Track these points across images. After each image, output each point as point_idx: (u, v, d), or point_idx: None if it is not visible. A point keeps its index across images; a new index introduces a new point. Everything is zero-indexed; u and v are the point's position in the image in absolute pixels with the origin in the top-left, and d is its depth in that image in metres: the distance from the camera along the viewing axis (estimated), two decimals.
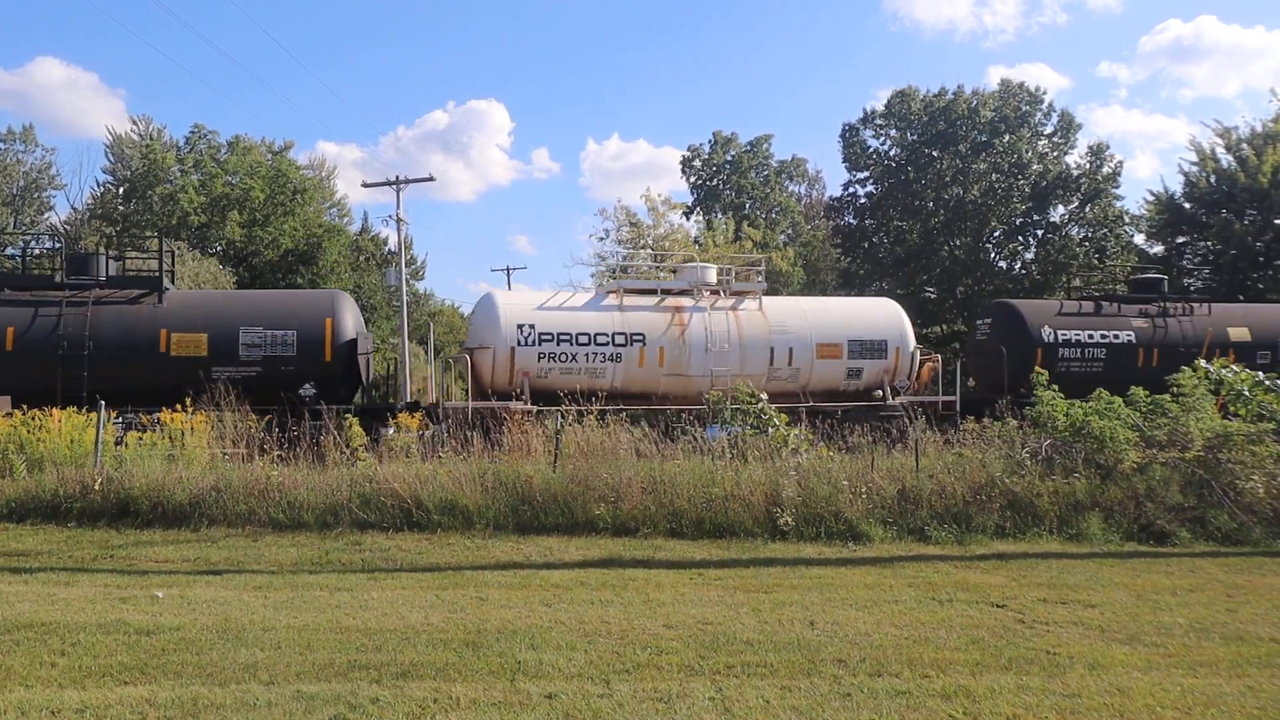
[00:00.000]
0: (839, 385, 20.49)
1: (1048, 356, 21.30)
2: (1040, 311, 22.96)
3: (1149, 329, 22.70)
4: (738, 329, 20.08)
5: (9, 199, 45.15)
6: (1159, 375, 19.01)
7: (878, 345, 20.73)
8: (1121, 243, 44.01)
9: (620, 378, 19.35)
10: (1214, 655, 6.70)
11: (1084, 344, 22.23)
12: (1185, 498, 11.73)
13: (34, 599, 7.93)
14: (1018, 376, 20.32)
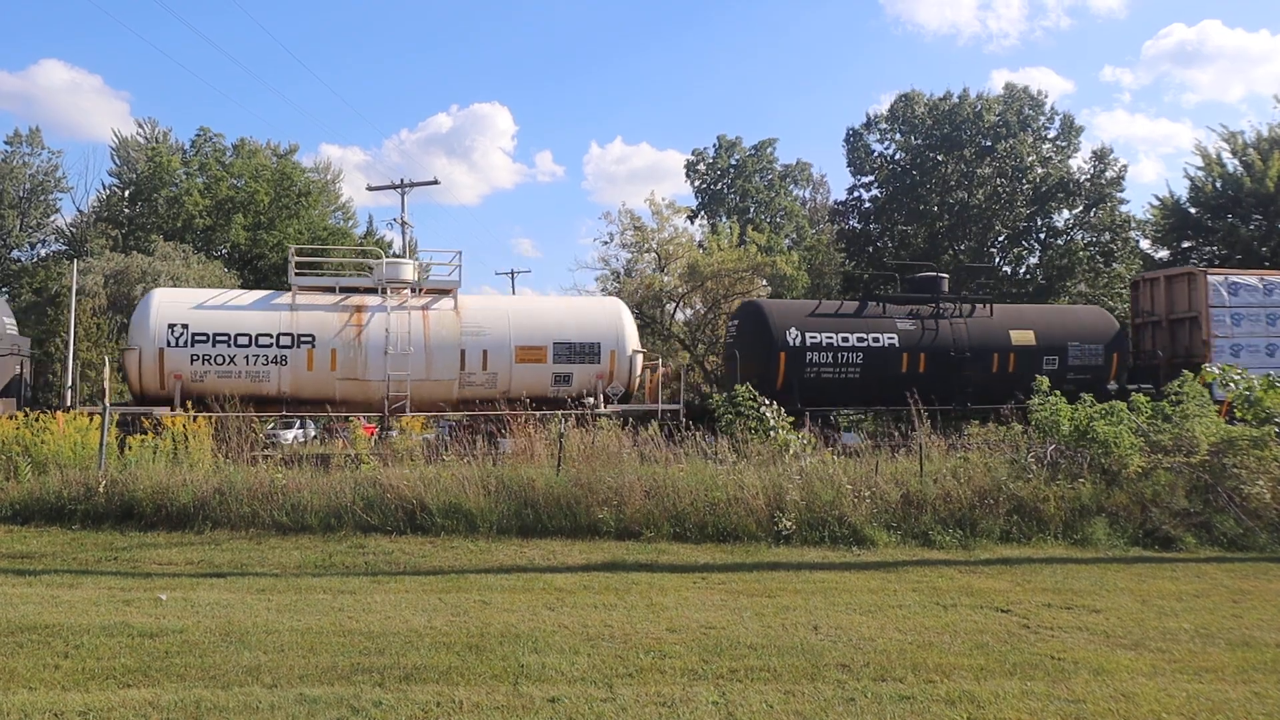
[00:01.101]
0: (545, 391, 19.10)
1: (793, 361, 19.96)
2: (788, 312, 21.33)
3: (916, 332, 21.18)
4: (424, 330, 18.63)
5: (16, 202, 45.27)
6: (927, 381, 18.64)
7: (589, 348, 19.37)
8: (1128, 247, 43.96)
9: (288, 382, 18.08)
10: (1219, 661, 6.67)
11: (838, 348, 20.53)
12: (1190, 502, 11.70)
13: (38, 601, 7.93)
14: (762, 383, 18.56)
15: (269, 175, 42.62)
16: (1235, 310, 22.29)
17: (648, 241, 41.27)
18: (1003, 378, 21.22)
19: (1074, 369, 21.84)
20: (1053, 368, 21.32)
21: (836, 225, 53.17)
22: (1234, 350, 21.99)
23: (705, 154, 58.72)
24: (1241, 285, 22.61)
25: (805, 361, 20.08)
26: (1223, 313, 22.30)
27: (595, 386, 19.07)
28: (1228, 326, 22.25)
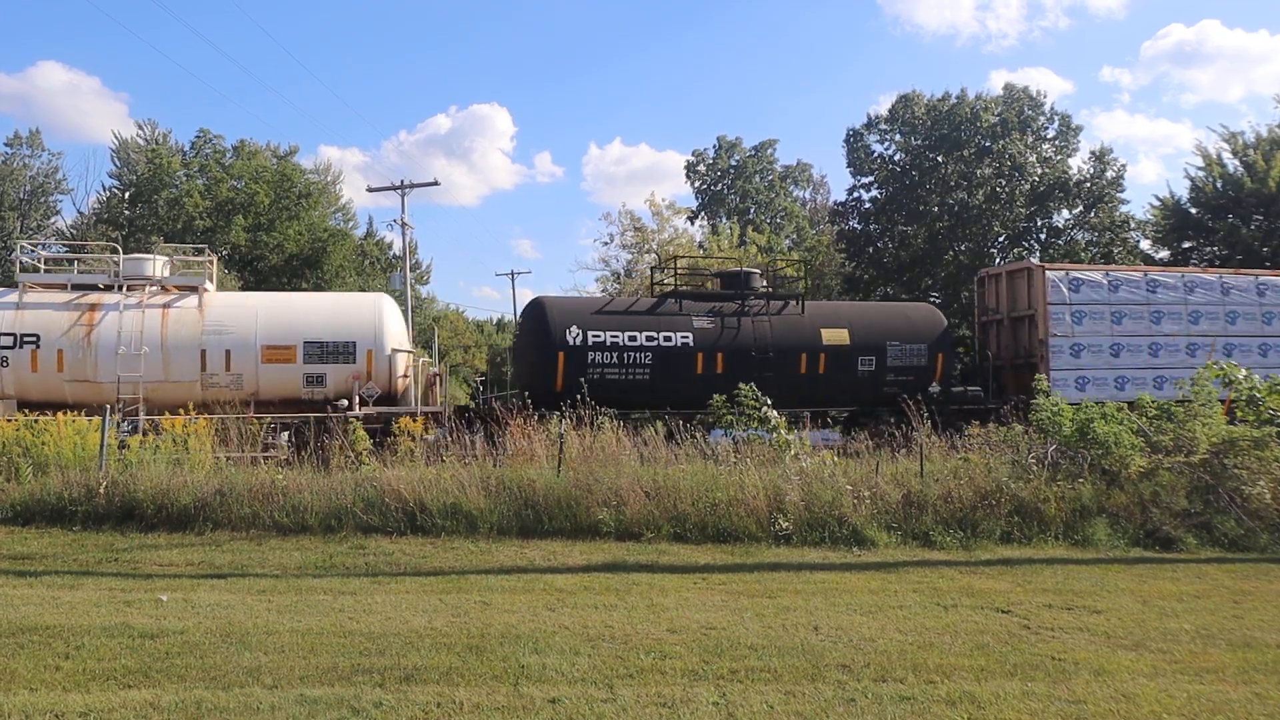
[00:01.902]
0: (298, 393, 18.08)
1: (574, 361, 18.67)
2: (571, 310, 19.82)
3: (714, 330, 19.68)
4: (161, 329, 17.52)
5: (16, 203, 45.28)
6: (726, 382, 17.26)
7: (344, 348, 18.22)
8: (1127, 247, 43.96)
9: (13, 385, 17.22)
10: (1220, 661, 6.67)
11: (624, 348, 19.08)
12: (1191, 503, 11.70)
13: (39, 602, 7.94)
14: (542, 385, 18.31)
15: (269, 177, 42.61)
16: (1077, 308, 21.22)
17: (648, 242, 41.38)
18: (812, 379, 19.96)
19: (894, 370, 20.56)
20: (869, 369, 20.29)
21: (836, 226, 53.18)
22: (1075, 350, 21.15)
23: (705, 155, 58.82)
24: (1084, 281, 21.54)
25: (587, 362, 18.77)
26: (1062, 310, 21.19)
27: (352, 388, 18.04)
28: (1067, 325, 21.17)
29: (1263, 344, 22.10)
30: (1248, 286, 22.32)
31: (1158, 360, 21.49)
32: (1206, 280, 22.14)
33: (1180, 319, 21.77)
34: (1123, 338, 21.33)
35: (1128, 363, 21.34)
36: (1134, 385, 20.88)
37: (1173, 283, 21.91)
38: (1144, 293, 21.59)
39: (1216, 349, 21.22)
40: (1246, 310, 22.09)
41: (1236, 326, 22.01)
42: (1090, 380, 20.89)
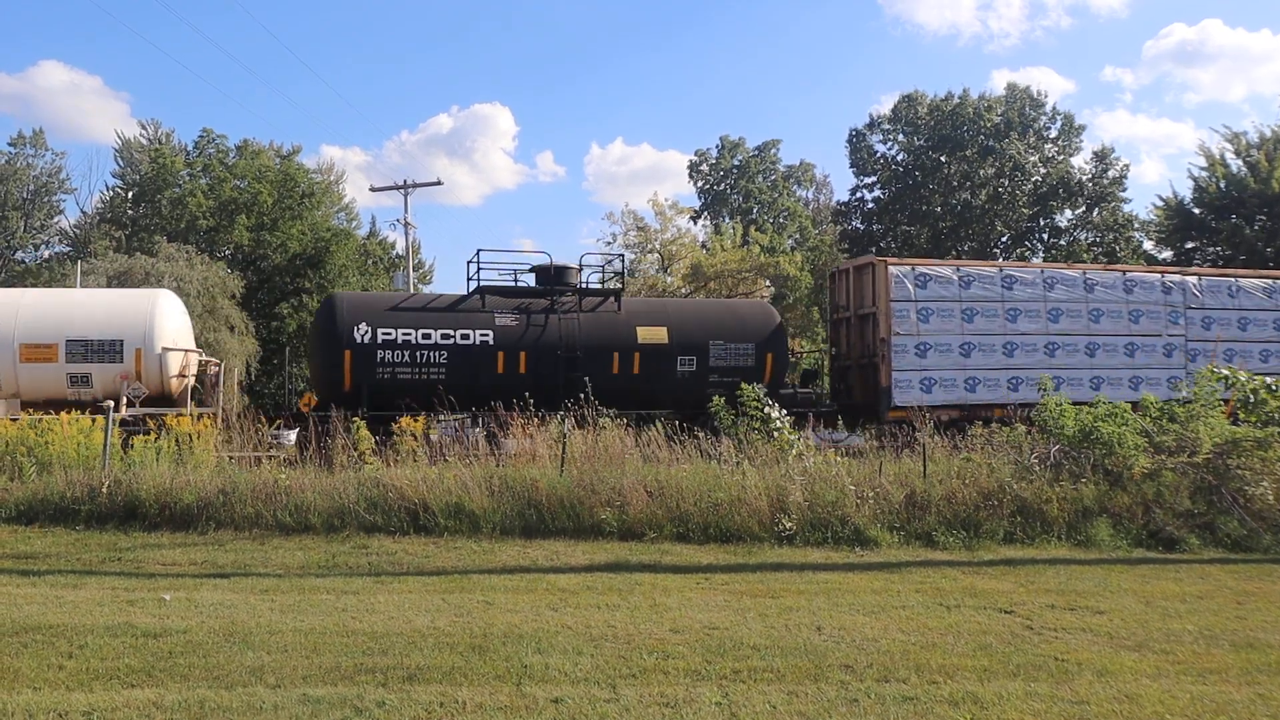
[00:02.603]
0: (63, 393, 17.36)
1: (362, 361, 17.90)
2: (362, 306, 18.92)
3: (518, 328, 18.85)
4: None
5: (19, 203, 45.36)
6: (531, 383, 16.99)
7: (110, 346, 17.37)
8: (1130, 247, 43.95)
9: None
10: (1223, 662, 6.67)
11: (417, 346, 18.28)
12: (1194, 504, 11.69)
13: (42, 601, 7.95)
14: (331, 385, 17.72)
15: (272, 176, 42.62)
16: (924, 305, 20.05)
17: (651, 242, 41.38)
18: (627, 379, 19.02)
19: (718, 370, 19.49)
20: (690, 369, 19.33)
21: (839, 226, 53.20)
22: (920, 350, 19.96)
23: (708, 155, 58.79)
24: (932, 277, 20.29)
25: (377, 361, 18.01)
26: (907, 308, 20.00)
27: (120, 388, 17.24)
28: (912, 323, 19.97)
29: (1129, 343, 21.32)
30: (1114, 283, 21.53)
31: (1014, 360, 20.47)
32: (1068, 276, 21.31)
33: (1039, 317, 20.79)
34: (975, 336, 20.29)
35: (980, 363, 20.24)
36: (986, 387, 20.15)
37: (1030, 279, 20.99)
38: (999, 289, 20.57)
39: (1078, 349, 20.77)
40: (1112, 308, 21.22)
41: (1101, 325, 21.15)
42: (937, 381, 19.90)
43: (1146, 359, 21.31)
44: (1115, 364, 21.13)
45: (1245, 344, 22.01)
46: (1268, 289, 22.45)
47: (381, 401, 15.57)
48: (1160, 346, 21.44)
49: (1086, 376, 20.75)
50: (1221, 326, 21.98)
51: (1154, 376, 21.09)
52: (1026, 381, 19.94)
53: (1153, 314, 21.52)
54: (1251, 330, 22.17)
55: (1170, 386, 20.41)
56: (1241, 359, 21.15)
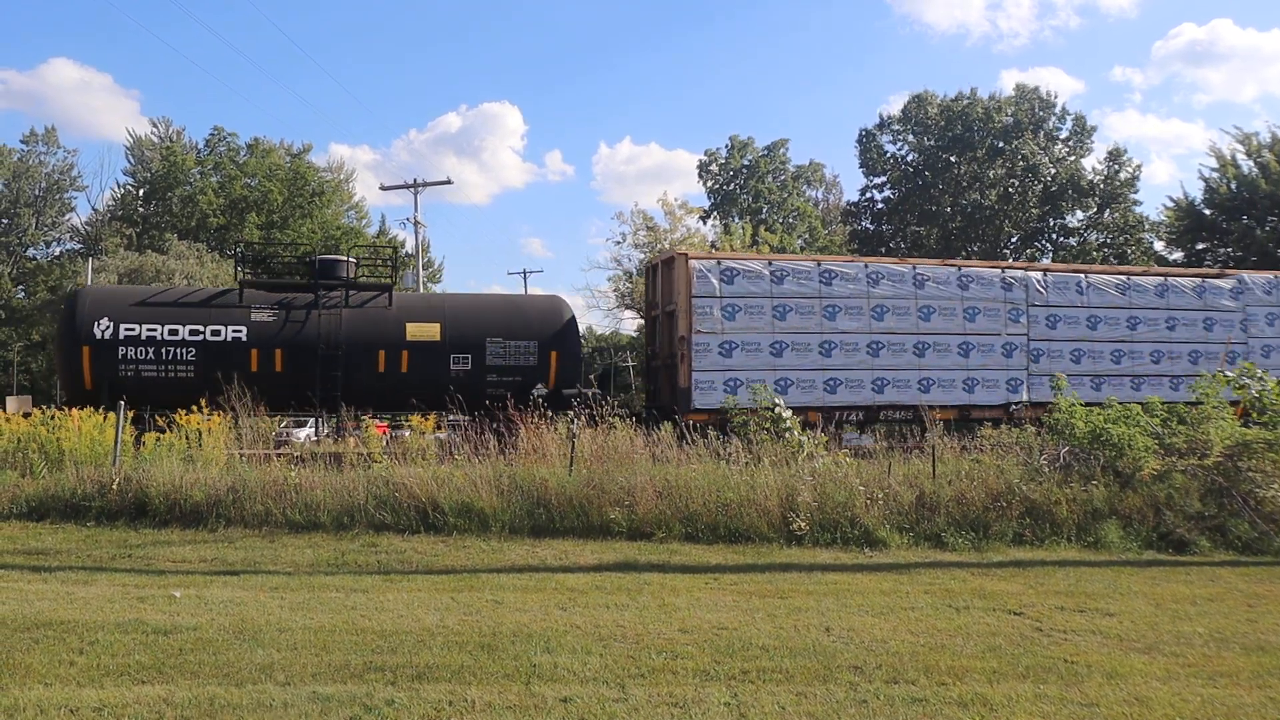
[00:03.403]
0: None
1: (102, 358, 17.14)
2: (106, 301, 18.02)
3: (275, 324, 17.97)
4: None
5: (32, 200, 45.55)
6: (288, 381, 16.58)
7: None
8: (1141, 248, 43.79)
9: None
10: (1234, 665, 6.64)
11: (163, 342, 17.42)
12: (1205, 506, 11.65)
13: (53, 597, 7.98)
14: (72, 383, 17.05)
15: (283, 175, 42.75)
16: (730, 301, 18.73)
17: (660, 241, 41.28)
18: (395, 378, 18.35)
19: (496, 370, 18.72)
20: (464, 368, 18.44)
21: (849, 226, 53.12)
22: (725, 349, 18.65)
23: (718, 154, 58.73)
24: (740, 271, 18.93)
25: (120, 358, 17.24)
26: (710, 304, 18.66)
27: None
28: (716, 320, 18.64)
29: (964, 343, 20.15)
30: (947, 278, 20.29)
31: (831, 361, 19.22)
32: (895, 271, 20.07)
33: (861, 314, 19.50)
34: (788, 335, 19.01)
35: (793, 363, 18.96)
36: (800, 389, 18.81)
37: (853, 273, 19.70)
38: (816, 284, 19.26)
39: (905, 349, 19.64)
40: (945, 305, 20.05)
41: (932, 323, 19.96)
42: (744, 382, 18.28)
43: (983, 359, 20.15)
44: (947, 365, 19.96)
45: (1095, 343, 21.05)
46: (1121, 285, 21.49)
47: (129, 401, 14.98)
48: (999, 346, 20.35)
49: (914, 378, 19.69)
50: (1069, 325, 20.97)
51: (991, 378, 20.14)
52: (846, 383, 19.13)
53: (991, 311, 20.35)
54: (1102, 329, 21.15)
55: (1009, 389, 20.06)
56: (1091, 359, 20.77)
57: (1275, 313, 22.25)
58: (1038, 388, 20.20)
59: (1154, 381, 20.97)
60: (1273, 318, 22.22)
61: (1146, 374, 21.10)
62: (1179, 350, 21.53)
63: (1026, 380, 20.29)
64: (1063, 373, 19.56)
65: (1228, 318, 21.86)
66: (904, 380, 19.60)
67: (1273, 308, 22.19)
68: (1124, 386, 20.54)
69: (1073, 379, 19.60)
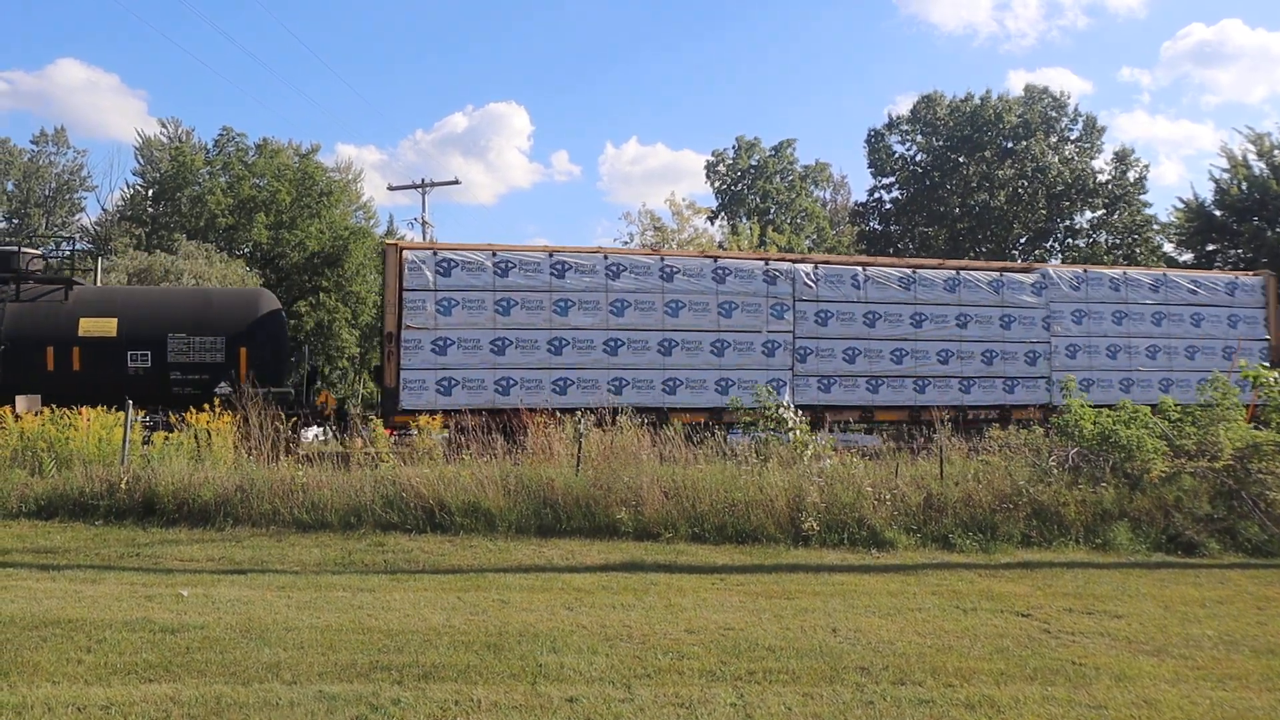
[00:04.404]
0: None
1: None
2: None
3: None
4: None
5: (41, 200, 45.75)
6: None
7: None
8: (1149, 248, 43.66)
9: None
10: (1244, 668, 6.61)
11: None
12: (1214, 508, 11.60)
13: (61, 596, 8.01)
14: None
15: (291, 175, 42.85)
16: (447, 295, 17.67)
17: (668, 242, 41.30)
18: (66, 376, 17.22)
19: (180, 367, 17.64)
20: (144, 365, 17.36)
21: (857, 227, 53.07)
22: (439, 346, 17.62)
23: (725, 155, 58.73)
24: (459, 263, 17.71)
25: None
26: (424, 298, 17.57)
27: None
28: (429, 315, 17.54)
29: (718, 340, 18.60)
30: (700, 270, 18.79)
31: (562, 359, 18.02)
32: (640, 263, 18.68)
33: (598, 309, 18.24)
34: (512, 331, 17.85)
35: (518, 361, 17.84)
36: (525, 389, 17.82)
37: (588, 265, 18.28)
38: (547, 277, 18.07)
39: (649, 347, 18.32)
40: (697, 300, 18.59)
41: (681, 319, 18.56)
42: (461, 382, 17.60)
43: (740, 358, 18.75)
44: (698, 364, 18.59)
45: (873, 342, 19.62)
46: (904, 279, 19.99)
47: None
48: (759, 344, 18.91)
49: (659, 378, 18.36)
50: (843, 322, 19.49)
51: (750, 378, 18.36)
52: (579, 384, 17.99)
53: (751, 307, 18.90)
54: (882, 327, 19.71)
55: (771, 389, 18.24)
56: (868, 359, 19.48)
57: (1084, 309, 21.02)
58: (804, 389, 19.03)
59: (941, 384, 19.87)
60: (1080, 315, 21.01)
61: (932, 375, 19.87)
62: (971, 349, 20.18)
63: (791, 381, 18.91)
64: (835, 373, 19.05)
65: (1029, 314, 20.60)
66: (646, 381, 18.31)
67: (1080, 304, 20.98)
68: (905, 388, 19.65)
69: (845, 380, 19.05)
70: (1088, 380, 20.33)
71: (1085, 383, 20.03)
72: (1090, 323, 21.06)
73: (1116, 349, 21.16)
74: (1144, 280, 21.66)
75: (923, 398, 19.46)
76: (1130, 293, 21.37)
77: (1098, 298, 21.14)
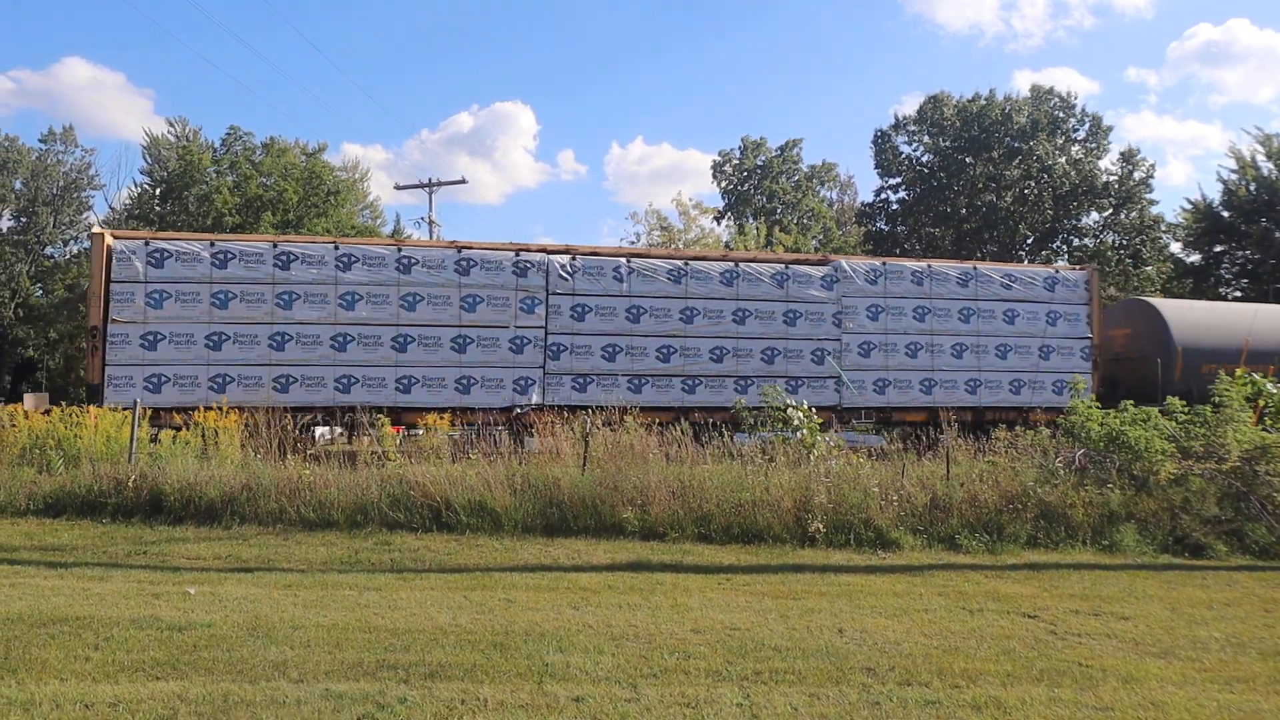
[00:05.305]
0: None
1: None
2: None
3: None
4: None
5: (49, 199, 45.86)
6: None
7: None
8: (1156, 248, 43.55)
9: None
10: (1251, 671, 6.59)
11: None
12: (1222, 510, 11.57)
13: (69, 593, 8.03)
14: None
15: (298, 174, 42.90)
16: (158, 287, 16.73)
17: (674, 241, 41.34)
18: None
19: None
20: None
21: (863, 227, 53.00)
22: (149, 341, 16.66)
23: (732, 155, 58.70)
24: (172, 253, 16.81)
25: None
26: (133, 290, 16.63)
27: None
28: (138, 308, 16.63)
29: (460, 336, 17.89)
30: (441, 261, 17.96)
31: (285, 355, 17.20)
32: (374, 254, 17.79)
33: (327, 302, 17.41)
34: (229, 325, 16.99)
35: (235, 357, 16.96)
36: (243, 386, 16.90)
37: (318, 256, 17.48)
38: (270, 268, 17.21)
39: (382, 343, 17.51)
40: (437, 293, 17.92)
41: (418, 313, 17.83)
42: (172, 379, 16.68)
43: (485, 355, 17.89)
44: (437, 361, 17.72)
45: (637, 338, 18.55)
46: (675, 272, 18.85)
47: None
48: (507, 340, 18.03)
49: (392, 376, 17.52)
50: (603, 316, 18.43)
51: (494, 376, 17.87)
52: (302, 381, 17.13)
53: (498, 301, 18.05)
54: (648, 322, 18.58)
55: (518, 389, 17.92)
56: (630, 356, 18.45)
57: (881, 305, 19.66)
58: (556, 388, 18.13)
59: (714, 383, 18.72)
60: (876, 310, 19.65)
61: (704, 374, 18.72)
62: (750, 347, 18.97)
63: (542, 380, 18.04)
64: (592, 371, 18.04)
65: (817, 310, 19.32)
66: (378, 378, 17.48)
67: (876, 299, 19.64)
68: (674, 388, 18.55)
69: (604, 379, 18.18)
70: (883, 381, 19.49)
71: (881, 383, 19.43)
72: (889, 319, 19.77)
73: (918, 347, 19.81)
74: (950, 274, 20.17)
75: (692, 398, 18.48)
76: (935, 287, 19.99)
77: (898, 292, 19.80)
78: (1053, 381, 20.20)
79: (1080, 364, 20.36)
